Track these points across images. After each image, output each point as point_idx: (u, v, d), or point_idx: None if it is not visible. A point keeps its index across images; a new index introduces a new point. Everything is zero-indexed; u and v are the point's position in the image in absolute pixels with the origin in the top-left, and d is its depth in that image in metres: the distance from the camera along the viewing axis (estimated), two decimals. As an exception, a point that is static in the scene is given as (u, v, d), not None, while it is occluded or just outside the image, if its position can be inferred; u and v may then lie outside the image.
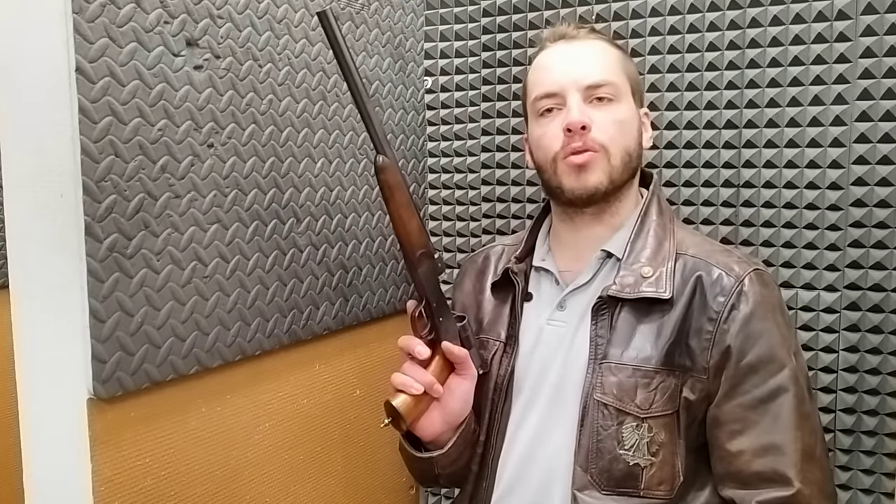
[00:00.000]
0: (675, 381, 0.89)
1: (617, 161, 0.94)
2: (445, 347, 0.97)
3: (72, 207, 0.79)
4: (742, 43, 1.14)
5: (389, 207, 0.95)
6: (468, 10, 1.34)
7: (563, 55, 0.98)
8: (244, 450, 1.01)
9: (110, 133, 0.81)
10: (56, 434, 0.84)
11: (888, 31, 1.05)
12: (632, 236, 0.96)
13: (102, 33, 0.79)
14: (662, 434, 0.89)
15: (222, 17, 0.94)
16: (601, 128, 0.93)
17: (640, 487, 0.89)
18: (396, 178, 0.94)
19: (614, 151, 0.93)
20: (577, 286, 0.98)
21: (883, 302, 1.09)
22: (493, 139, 1.35)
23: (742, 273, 0.90)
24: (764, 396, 0.87)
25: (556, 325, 0.98)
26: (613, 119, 0.94)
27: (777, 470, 0.86)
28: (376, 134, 0.93)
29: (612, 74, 0.95)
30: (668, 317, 0.91)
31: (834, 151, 1.10)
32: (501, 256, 1.10)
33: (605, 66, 0.96)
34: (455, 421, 0.99)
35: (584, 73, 0.94)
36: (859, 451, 1.13)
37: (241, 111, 0.98)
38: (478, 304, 1.09)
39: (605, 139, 0.93)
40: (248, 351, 1.00)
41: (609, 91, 0.94)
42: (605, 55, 0.97)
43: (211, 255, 0.94)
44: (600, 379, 0.91)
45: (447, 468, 1.01)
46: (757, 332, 0.88)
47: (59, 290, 0.81)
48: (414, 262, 0.96)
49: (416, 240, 0.96)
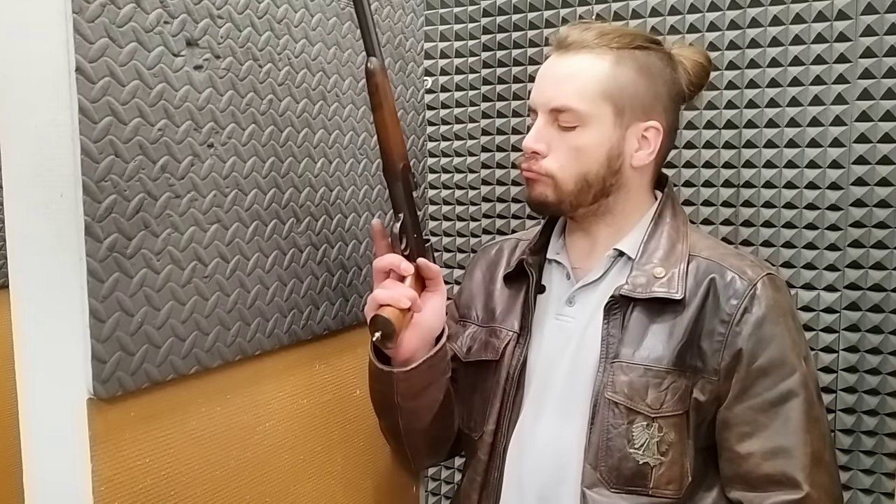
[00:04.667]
0: (685, 382, 0.90)
1: (569, 187, 0.94)
2: (422, 263, 0.99)
3: (72, 207, 0.79)
4: (742, 43, 1.14)
5: (376, 115, 0.96)
6: (468, 10, 1.34)
7: (547, 71, 0.96)
8: (244, 450, 1.01)
9: (110, 133, 0.80)
10: (56, 434, 0.84)
11: (888, 31, 1.05)
12: (645, 237, 0.96)
13: (102, 33, 0.79)
14: (672, 434, 0.89)
15: (222, 17, 0.94)
16: (556, 155, 0.93)
17: (649, 486, 0.89)
18: (386, 84, 0.95)
19: (563, 178, 0.93)
20: (587, 282, 0.98)
21: (883, 302, 1.09)
22: (493, 139, 1.35)
23: (755, 277, 0.91)
24: (774, 399, 0.88)
25: (564, 320, 0.99)
26: (570, 146, 0.93)
27: (786, 473, 0.86)
28: (370, 35, 0.94)
29: (579, 100, 0.91)
30: (680, 318, 0.91)
31: (834, 151, 1.10)
32: (515, 249, 1.10)
33: (575, 89, 0.91)
34: (430, 337, 1.00)
35: (550, 95, 0.93)
36: (859, 451, 1.13)
37: (241, 111, 0.98)
38: (488, 294, 1.09)
39: (553, 168, 0.93)
40: (248, 351, 1.00)
41: (569, 119, 0.92)
42: (582, 76, 0.92)
43: (211, 255, 0.94)
44: (611, 378, 0.91)
45: (408, 400, 1.00)
46: (769, 336, 0.89)
47: (59, 289, 0.81)
48: (396, 173, 0.98)
49: (399, 150, 0.98)
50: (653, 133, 0.94)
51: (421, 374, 0.98)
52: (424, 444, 1.09)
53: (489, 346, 1.04)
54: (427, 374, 0.99)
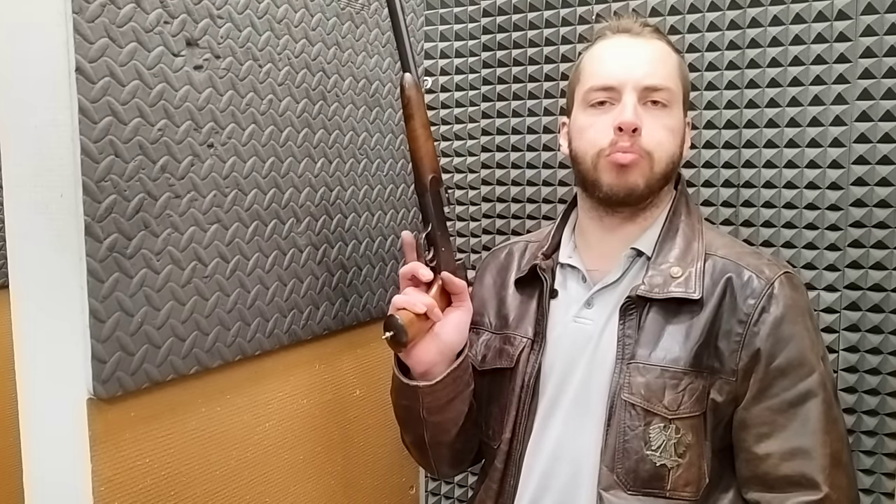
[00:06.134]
0: (703, 383, 0.89)
1: (660, 167, 0.93)
2: (446, 277, 0.97)
3: (72, 207, 0.79)
4: (742, 43, 1.14)
5: (409, 126, 0.98)
6: (468, 10, 1.34)
7: (626, 51, 0.95)
8: (244, 450, 1.01)
9: (110, 133, 0.81)
10: (56, 434, 0.84)
11: (888, 31, 1.05)
12: (660, 236, 0.95)
13: (102, 33, 0.79)
14: (690, 435, 0.88)
15: (222, 17, 0.94)
16: (651, 133, 0.92)
17: (667, 488, 0.88)
18: (419, 97, 0.97)
19: (659, 158, 0.92)
20: (606, 284, 0.97)
21: (883, 302, 1.09)
22: (493, 139, 1.35)
23: (773, 276, 0.90)
24: (793, 400, 0.87)
25: (583, 323, 0.97)
26: (664, 125, 0.93)
27: (805, 474, 0.85)
28: (406, 52, 0.97)
29: (670, 80, 0.94)
30: (697, 318, 0.90)
31: (834, 151, 1.10)
32: (525, 252, 1.09)
33: (665, 69, 0.94)
34: (449, 352, 0.98)
35: (644, 72, 0.93)
36: (859, 451, 1.13)
37: (241, 111, 0.98)
38: (500, 300, 1.07)
39: (652, 145, 0.92)
40: (248, 351, 1.00)
41: (665, 96, 0.93)
42: (667, 58, 0.95)
43: (211, 255, 0.94)
44: (628, 379, 0.90)
45: (433, 414, 0.99)
46: (787, 336, 0.88)
47: (58, 289, 0.81)
48: (425, 184, 0.98)
49: (430, 162, 0.99)
50: (688, 127, 0.99)
51: (445, 387, 0.97)
52: (450, 455, 1.07)
53: (503, 354, 1.02)
54: (451, 387, 0.98)
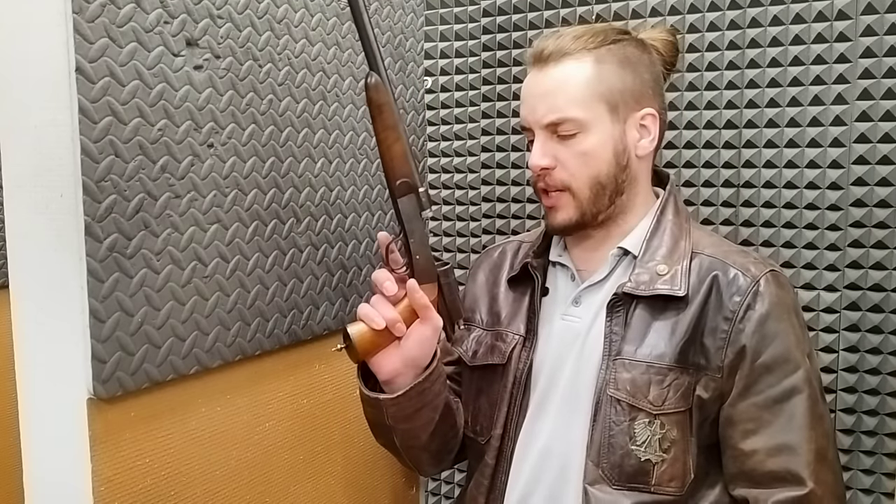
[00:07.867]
0: (688, 379, 0.90)
1: (585, 194, 0.94)
2: (410, 287, 0.92)
3: (72, 207, 0.79)
4: (742, 43, 1.14)
5: (375, 128, 0.93)
6: (468, 10, 1.34)
7: (531, 88, 0.96)
8: (244, 450, 1.01)
9: (110, 133, 0.81)
10: (56, 434, 0.84)
11: (888, 31, 1.05)
12: (648, 235, 0.96)
13: (102, 33, 0.79)
14: (675, 431, 0.89)
15: (222, 17, 0.94)
16: (564, 165, 0.93)
17: (651, 483, 0.89)
18: (385, 97, 0.91)
19: (578, 186, 0.94)
20: (593, 282, 0.98)
21: (883, 302, 1.09)
22: (493, 139, 1.35)
23: (758, 273, 0.91)
24: (778, 396, 0.88)
25: (571, 321, 0.98)
26: (576, 153, 0.93)
27: (790, 470, 0.86)
28: (371, 50, 0.91)
29: (573, 107, 0.92)
30: (682, 315, 0.91)
31: (834, 151, 1.10)
32: (518, 251, 1.10)
33: (566, 97, 0.92)
34: (414, 364, 0.94)
35: (544, 110, 0.93)
36: (859, 451, 1.13)
37: (241, 111, 0.98)
38: (492, 297, 1.09)
39: (566, 178, 0.94)
40: (248, 351, 1.00)
41: (570, 127, 0.92)
42: (570, 84, 0.92)
43: (211, 255, 0.94)
44: (614, 375, 0.91)
45: (400, 423, 0.96)
46: (773, 333, 0.89)
47: (58, 289, 0.81)
48: (393, 189, 0.93)
49: (398, 165, 0.92)
50: (650, 119, 0.96)
51: (410, 399, 0.95)
52: (427, 456, 1.06)
53: (495, 350, 1.03)
54: (417, 399, 0.96)
